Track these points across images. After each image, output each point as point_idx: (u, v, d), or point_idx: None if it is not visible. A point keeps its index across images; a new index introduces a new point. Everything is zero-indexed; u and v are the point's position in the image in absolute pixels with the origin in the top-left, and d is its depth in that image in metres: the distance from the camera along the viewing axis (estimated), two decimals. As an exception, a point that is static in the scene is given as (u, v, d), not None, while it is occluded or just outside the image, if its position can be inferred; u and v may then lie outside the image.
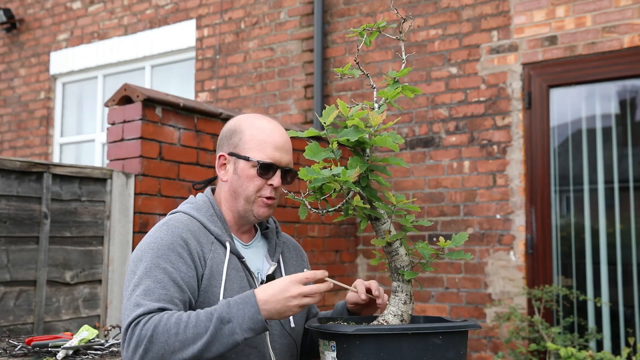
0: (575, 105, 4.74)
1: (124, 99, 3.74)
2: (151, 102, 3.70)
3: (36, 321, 3.21)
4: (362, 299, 1.83)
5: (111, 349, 2.56)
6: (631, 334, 4.34)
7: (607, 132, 4.62)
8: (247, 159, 1.82)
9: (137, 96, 3.66)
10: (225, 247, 1.80)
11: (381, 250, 1.78)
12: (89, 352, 2.50)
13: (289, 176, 1.87)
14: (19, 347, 2.50)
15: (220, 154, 1.89)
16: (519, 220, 4.69)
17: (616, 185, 4.54)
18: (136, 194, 3.63)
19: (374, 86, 1.81)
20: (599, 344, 4.48)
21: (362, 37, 1.82)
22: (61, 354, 2.41)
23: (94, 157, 7.04)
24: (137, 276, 1.66)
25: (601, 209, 4.57)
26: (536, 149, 4.70)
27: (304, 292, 1.59)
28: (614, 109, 4.63)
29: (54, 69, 7.47)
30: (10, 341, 2.62)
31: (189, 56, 6.57)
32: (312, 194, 1.67)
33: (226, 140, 1.88)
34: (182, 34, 6.52)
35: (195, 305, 1.71)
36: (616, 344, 4.43)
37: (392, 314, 1.71)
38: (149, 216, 3.69)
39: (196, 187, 2.01)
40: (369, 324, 1.74)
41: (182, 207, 1.88)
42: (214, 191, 1.93)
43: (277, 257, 1.92)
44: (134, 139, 3.66)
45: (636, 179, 4.49)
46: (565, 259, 4.66)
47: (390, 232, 1.71)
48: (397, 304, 1.72)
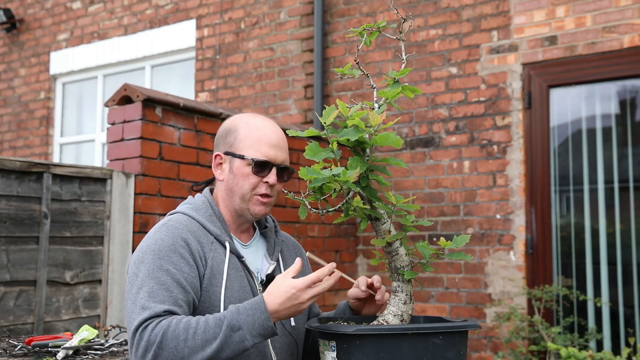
0: (575, 105, 4.74)
1: (124, 99, 3.74)
2: (151, 102, 3.70)
3: (36, 321, 3.21)
4: (362, 290, 1.84)
5: (111, 349, 2.56)
6: (631, 334, 4.34)
7: (607, 132, 4.62)
8: (242, 157, 1.82)
9: (137, 96, 3.66)
10: (224, 247, 1.80)
11: (381, 250, 1.78)
12: (89, 352, 2.50)
13: (286, 174, 1.87)
14: (19, 347, 2.50)
15: (216, 153, 1.89)
16: (519, 220, 4.69)
17: (616, 185, 4.54)
18: (136, 194, 3.63)
19: (374, 86, 1.81)
20: (599, 344, 4.48)
21: (362, 37, 1.82)
22: (61, 354, 2.41)
23: (94, 157, 7.04)
24: (140, 278, 1.66)
25: (601, 209, 4.57)
26: (536, 149, 4.70)
27: (315, 294, 1.60)
28: (614, 109, 4.63)
29: (54, 69, 7.47)
30: (10, 341, 2.62)
31: (189, 56, 6.58)
32: (312, 194, 1.67)
33: (222, 139, 1.89)
34: (182, 34, 6.52)
35: (197, 304, 1.71)
36: (616, 344, 4.43)
37: (392, 314, 1.71)
38: (149, 216, 3.69)
39: (195, 188, 2.01)
40: (369, 324, 1.74)
41: (181, 207, 1.88)
42: (213, 192, 1.93)
43: (276, 256, 1.92)
44: (134, 139, 3.66)
45: (636, 179, 4.49)
46: (565, 259, 4.66)
47: (390, 232, 1.71)
48: (397, 304, 1.72)
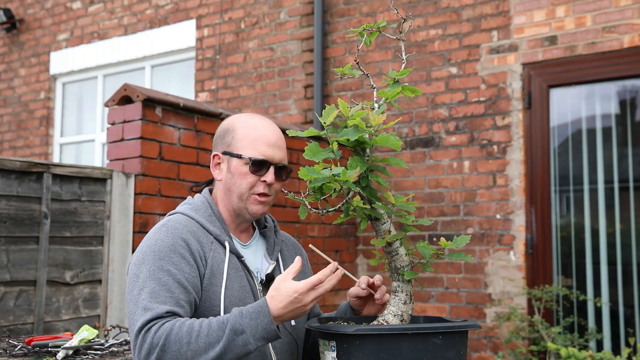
0: (575, 105, 4.74)
1: (124, 99, 3.74)
2: (151, 102, 3.70)
3: (36, 321, 3.21)
4: (362, 288, 1.84)
5: (111, 349, 2.56)
6: (631, 334, 4.34)
7: (607, 132, 4.62)
8: (239, 157, 1.82)
9: (137, 96, 3.66)
10: (224, 247, 1.80)
11: (381, 250, 1.78)
12: (89, 352, 2.50)
13: (284, 173, 1.87)
14: (19, 347, 2.50)
15: (214, 153, 1.90)
16: (519, 220, 4.69)
17: (616, 185, 4.54)
18: (136, 194, 3.63)
19: (374, 86, 1.81)
20: (599, 344, 4.48)
21: (362, 37, 1.82)
22: (61, 354, 2.41)
23: (94, 157, 7.04)
24: (141, 279, 1.66)
25: (601, 209, 4.57)
26: (536, 149, 4.70)
27: (318, 295, 1.60)
28: (614, 109, 4.63)
29: (54, 69, 7.47)
30: (10, 341, 2.62)
31: (189, 56, 6.57)
32: (312, 194, 1.67)
33: (220, 139, 1.89)
34: (182, 34, 6.52)
35: (198, 304, 1.71)
36: (616, 344, 4.43)
37: (392, 314, 1.71)
38: (149, 216, 3.69)
39: (194, 189, 2.02)
40: (369, 324, 1.74)
41: (180, 208, 1.88)
42: (212, 192, 1.94)
43: (275, 256, 1.92)
44: (134, 139, 3.66)
45: (636, 179, 4.49)
46: (565, 259, 4.66)
47: (390, 232, 1.71)
48: (397, 304, 1.72)
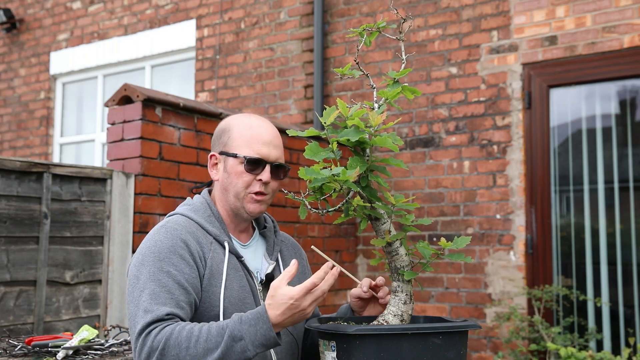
0: (575, 105, 4.74)
1: (124, 99, 3.74)
2: (151, 102, 3.70)
3: (36, 321, 3.21)
4: (364, 291, 1.85)
5: (111, 349, 2.56)
6: (631, 334, 4.34)
7: (607, 132, 4.62)
8: (235, 156, 1.83)
9: (137, 96, 3.66)
10: (223, 247, 1.81)
11: (381, 250, 1.78)
12: (89, 352, 2.50)
13: (281, 172, 1.87)
14: (19, 347, 2.50)
15: (211, 154, 1.91)
16: (519, 220, 4.69)
17: (616, 185, 4.54)
18: (136, 194, 3.63)
19: (374, 86, 1.81)
20: (599, 344, 4.48)
21: (362, 37, 1.82)
22: (61, 354, 2.41)
23: (94, 157, 7.04)
24: (141, 281, 1.67)
25: (601, 209, 4.57)
26: (536, 149, 4.70)
27: (316, 298, 1.59)
28: (614, 109, 4.63)
29: (54, 69, 7.47)
30: (10, 341, 2.62)
31: (189, 56, 6.57)
32: (312, 194, 1.67)
33: (217, 140, 1.90)
34: (182, 34, 6.52)
35: (198, 304, 1.72)
36: (616, 344, 4.43)
37: (392, 314, 1.71)
38: (149, 216, 3.69)
39: (194, 190, 2.02)
40: (369, 324, 1.74)
41: (180, 209, 1.89)
42: (211, 193, 1.94)
43: (275, 256, 1.92)
44: (134, 139, 3.66)
45: (636, 179, 4.49)
46: (565, 259, 4.66)
47: (390, 232, 1.71)
48: (397, 304, 1.72)
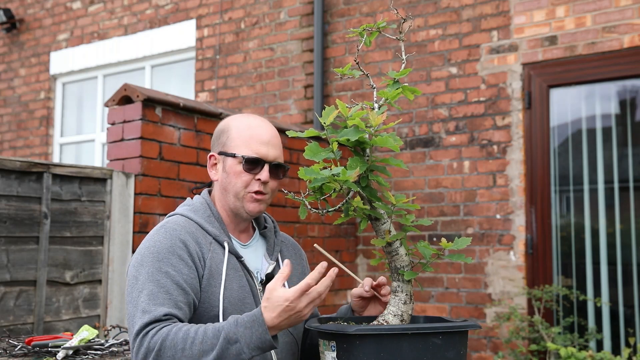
0: (575, 105, 4.74)
1: (124, 99, 3.74)
2: (151, 102, 3.70)
3: (36, 321, 3.21)
4: (366, 290, 1.85)
5: (111, 349, 2.56)
6: (631, 334, 4.34)
7: (607, 132, 4.62)
8: (233, 156, 1.83)
9: (137, 96, 3.66)
10: (223, 247, 1.81)
11: (381, 250, 1.78)
12: (89, 352, 2.50)
13: (280, 171, 1.87)
14: (19, 347, 2.50)
15: (210, 154, 1.92)
16: (519, 220, 4.69)
17: (616, 185, 4.54)
18: (136, 194, 3.63)
19: (374, 86, 1.81)
20: (599, 344, 4.48)
21: (362, 37, 1.82)
22: (61, 354, 2.41)
23: (94, 157, 7.04)
24: (140, 281, 1.67)
25: (601, 209, 4.57)
26: (536, 149, 4.70)
27: (312, 299, 1.58)
28: (614, 109, 4.63)
29: (54, 69, 7.47)
30: (10, 341, 2.62)
31: (189, 56, 6.57)
32: (312, 194, 1.67)
33: (216, 140, 1.91)
34: (182, 34, 6.52)
35: (197, 305, 1.72)
36: (616, 344, 4.43)
37: (392, 314, 1.71)
38: (149, 216, 3.69)
39: (194, 191, 2.02)
40: (369, 324, 1.74)
41: (179, 209, 1.89)
42: (211, 193, 1.94)
43: (275, 256, 1.92)
44: (134, 139, 3.66)
45: (636, 179, 4.49)
46: (565, 259, 4.66)
47: (390, 232, 1.71)
48: (397, 304, 1.72)
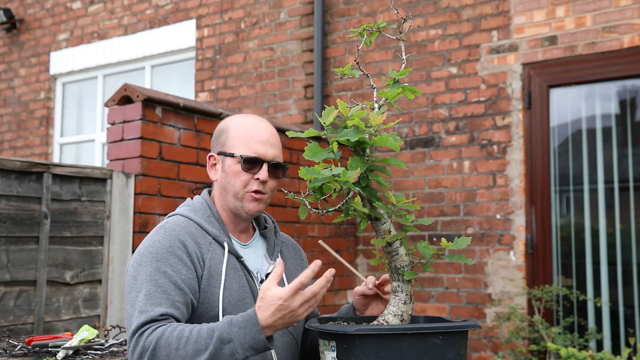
0: (575, 105, 4.74)
1: (124, 99, 3.74)
2: (151, 102, 3.70)
3: (36, 321, 3.21)
4: (369, 287, 1.86)
5: (111, 349, 2.56)
6: (631, 334, 4.34)
7: (607, 132, 4.62)
8: (232, 156, 1.84)
9: (137, 96, 3.66)
10: (223, 248, 1.81)
11: (381, 250, 1.78)
12: (89, 352, 2.50)
13: (279, 171, 1.87)
14: (19, 347, 2.50)
15: (209, 154, 1.92)
16: (519, 220, 4.69)
17: (616, 185, 4.54)
18: (136, 194, 3.63)
19: (374, 86, 1.81)
20: (599, 344, 4.48)
21: (362, 37, 1.82)
22: (61, 354, 2.41)
23: (94, 157, 7.04)
24: (138, 281, 1.68)
25: (601, 209, 4.57)
26: (536, 149, 4.70)
27: (306, 299, 1.56)
28: (614, 109, 4.63)
29: (54, 69, 7.47)
30: (10, 341, 2.62)
31: (189, 56, 6.57)
32: (312, 194, 1.67)
33: (215, 141, 1.92)
34: (182, 34, 6.52)
35: (196, 305, 1.72)
36: (616, 344, 4.43)
37: (392, 314, 1.71)
38: (149, 216, 3.69)
39: (195, 191, 2.03)
40: (369, 324, 1.74)
41: (180, 209, 1.89)
42: (211, 193, 1.95)
43: (275, 256, 1.92)
44: (134, 139, 3.66)
45: (636, 179, 4.49)
46: (565, 259, 4.66)
47: (390, 232, 1.71)
48: (397, 304, 1.71)
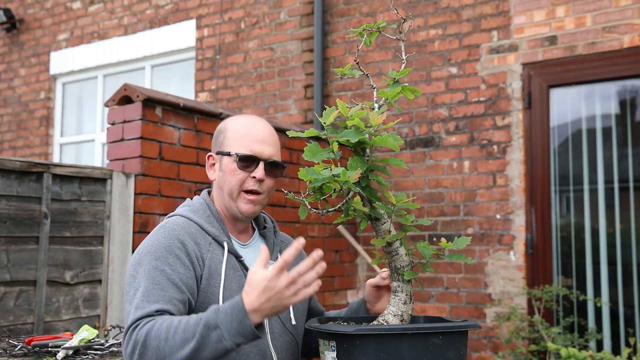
0: (575, 105, 4.74)
1: (124, 99, 3.74)
2: (151, 102, 3.70)
3: (36, 321, 3.21)
4: (383, 277, 1.89)
5: (111, 349, 2.56)
6: (631, 334, 4.34)
7: (607, 132, 4.62)
8: (228, 154, 1.85)
9: (137, 96, 3.66)
10: (223, 247, 1.81)
11: (381, 250, 1.78)
12: (89, 352, 2.50)
13: (277, 170, 1.88)
14: (19, 347, 2.50)
15: (208, 154, 1.93)
16: (519, 220, 4.69)
17: (616, 185, 4.54)
18: (136, 194, 3.63)
19: (374, 86, 1.81)
20: (599, 344, 4.48)
21: (362, 37, 1.82)
22: (61, 354, 2.41)
23: (94, 157, 7.04)
24: (137, 280, 1.69)
25: (601, 209, 4.57)
26: (536, 149, 4.70)
27: (292, 279, 1.49)
28: (614, 109, 4.63)
29: (54, 69, 7.47)
30: (10, 341, 2.62)
31: (189, 56, 6.57)
32: (312, 194, 1.67)
33: (214, 141, 1.93)
34: (182, 34, 6.51)
35: (195, 305, 1.72)
36: (616, 344, 4.43)
37: (392, 314, 1.71)
38: (149, 216, 3.69)
39: (196, 192, 2.03)
40: (369, 324, 1.74)
41: (179, 210, 1.90)
42: (210, 193, 1.95)
43: (275, 256, 1.93)
44: (134, 139, 3.66)
45: (636, 179, 4.49)
46: (565, 259, 4.66)
47: (390, 232, 1.71)
48: (397, 304, 1.72)
